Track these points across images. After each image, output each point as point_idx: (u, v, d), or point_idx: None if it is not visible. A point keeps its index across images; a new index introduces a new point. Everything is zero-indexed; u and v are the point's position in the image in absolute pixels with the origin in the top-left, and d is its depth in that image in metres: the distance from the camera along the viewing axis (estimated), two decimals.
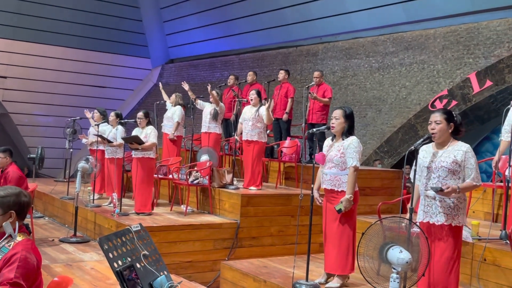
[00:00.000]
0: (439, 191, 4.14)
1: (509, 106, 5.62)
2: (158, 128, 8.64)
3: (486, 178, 10.46)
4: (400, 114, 11.96)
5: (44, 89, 19.01)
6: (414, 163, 4.44)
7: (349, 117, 5.29)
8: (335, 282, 5.40)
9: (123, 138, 7.97)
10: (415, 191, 4.51)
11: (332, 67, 13.93)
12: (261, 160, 8.23)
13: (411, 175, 4.46)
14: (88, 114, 9.52)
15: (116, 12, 19.62)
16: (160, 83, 10.94)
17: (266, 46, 16.42)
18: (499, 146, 5.94)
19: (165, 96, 10.36)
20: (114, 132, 8.52)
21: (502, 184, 6.46)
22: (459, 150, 4.26)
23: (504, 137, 5.79)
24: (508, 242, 5.05)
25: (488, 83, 10.44)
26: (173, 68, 20.49)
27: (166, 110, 9.83)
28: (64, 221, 8.81)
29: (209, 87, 9.18)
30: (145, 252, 3.13)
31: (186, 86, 9.78)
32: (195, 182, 8.15)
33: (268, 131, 9.79)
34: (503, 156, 5.89)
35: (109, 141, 8.35)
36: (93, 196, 8.53)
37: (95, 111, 9.25)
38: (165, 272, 3.18)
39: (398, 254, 3.88)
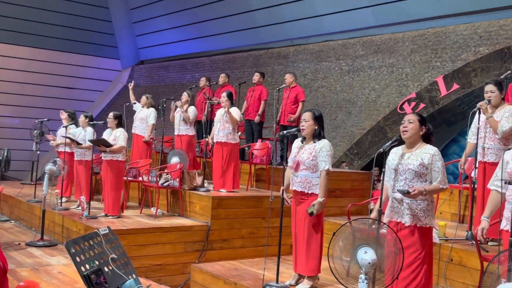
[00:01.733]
0: (406, 193, 4.19)
1: (475, 109, 5.73)
2: (128, 129, 8.55)
3: (453, 179, 10.65)
4: (370, 116, 12.09)
5: (10, 90, 18.63)
6: (383, 165, 4.50)
7: (318, 119, 5.32)
8: (305, 283, 5.42)
9: (90, 141, 7.87)
10: (384, 192, 4.56)
11: (303, 69, 14.01)
12: (233, 162, 8.18)
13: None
14: (63, 115, 9.33)
15: (85, 12, 19.37)
16: (132, 82, 10.80)
17: (237, 48, 16.42)
18: (466, 148, 6.05)
19: (132, 98, 10.25)
20: (84, 134, 8.40)
21: (468, 185, 6.59)
22: (427, 153, 4.31)
23: (470, 139, 5.91)
24: (474, 242, 5.15)
25: (455, 86, 10.64)
26: (144, 69, 20.32)
27: (134, 111, 9.74)
28: (31, 224, 8.64)
29: (173, 105, 9.22)
30: (113, 255, 3.09)
31: (131, 85, 10.05)
32: (165, 184, 8.09)
33: (239, 133, 9.78)
34: (469, 158, 6.00)
35: (79, 143, 8.23)
36: (61, 199, 8.39)
37: (63, 112, 9.11)
38: (134, 276, 3.15)
39: (363, 255, 3.93)
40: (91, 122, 8.49)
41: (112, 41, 20.35)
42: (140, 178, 8.67)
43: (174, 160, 8.34)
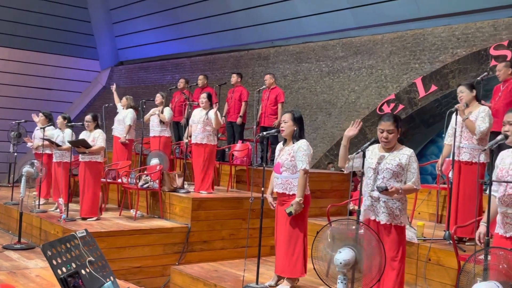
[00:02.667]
0: (384, 190, 4.26)
1: (452, 109, 5.80)
2: (107, 131, 8.49)
3: (432, 180, 10.77)
4: (350, 117, 12.16)
5: None
6: (362, 165, 4.54)
7: (298, 120, 5.34)
8: (285, 284, 5.43)
9: (69, 142, 7.79)
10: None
11: (283, 71, 14.05)
12: (212, 164, 8.20)
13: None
14: (36, 118, 9.24)
15: (63, 12, 19.17)
16: (114, 84, 10.73)
17: (217, 49, 16.40)
18: (443, 150, 6.13)
19: (116, 99, 10.19)
20: (62, 136, 8.32)
21: (446, 186, 6.67)
22: (404, 154, 4.43)
23: (447, 141, 5.99)
24: (452, 242, 5.21)
25: (433, 87, 10.76)
26: (123, 70, 20.18)
27: (116, 113, 9.67)
28: (8, 227, 8.52)
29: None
30: (90, 258, 3.06)
31: (113, 87, 10.09)
32: (145, 186, 8.04)
33: (219, 134, 9.78)
34: (447, 159, 6.07)
35: (58, 145, 8.15)
36: (39, 201, 8.29)
37: (40, 114, 9.01)
38: (112, 278, 3.12)
39: (337, 255, 3.96)
40: (69, 124, 8.40)
41: (91, 42, 20.17)
42: (120, 180, 8.60)
43: (154, 161, 8.30)
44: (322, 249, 4.11)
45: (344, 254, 3.94)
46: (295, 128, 5.33)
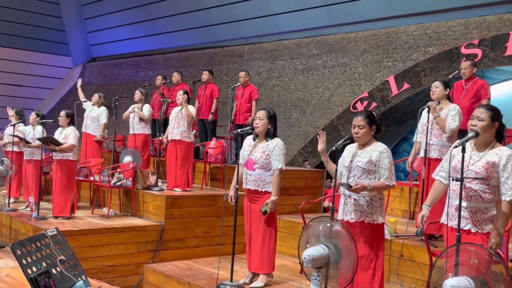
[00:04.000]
0: (349, 187, 4.26)
1: (424, 106, 5.87)
2: (79, 128, 8.37)
3: (404, 177, 10.90)
4: (324, 115, 12.23)
5: None
6: (336, 163, 4.55)
7: (272, 118, 5.33)
8: (259, 281, 5.44)
9: (38, 139, 7.65)
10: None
11: (258, 68, 14.05)
12: (188, 161, 8.12)
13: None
14: (10, 112, 9.04)
15: (34, 8, 18.84)
16: (80, 80, 10.55)
17: (191, 46, 16.32)
18: (413, 147, 6.21)
19: (81, 96, 10.02)
20: (33, 133, 8.18)
21: (418, 182, 6.75)
22: (375, 150, 4.39)
23: (417, 138, 6.07)
24: (424, 238, 5.27)
25: (406, 85, 10.88)
26: (95, 67, 19.93)
27: (85, 110, 9.54)
28: None
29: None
30: (61, 257, 3.01)
31: (79, 83, 10.06)
32: (118, 184, 7.95)
33: (194, 132, 9.72)
34: (418, 156, 6.15)
35: (28, 142, 8.00)
36: (9, 200, 8.13)
37: (9, 108, 8.84)
38: (83, 277, 3.07)
39: (305, 251, 3.99)
40: (41, 121, 8.26)
41: (63, 38, 19.86)
42: (92, 178, 8.50)
43: (127, 159, 8.21)
44: (301, 246, 4.16)
45: (310, 250, 3.98)
46: (270, 126, 5.32)
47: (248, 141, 5.46)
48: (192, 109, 7.93)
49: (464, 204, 3.76)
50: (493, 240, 3.65)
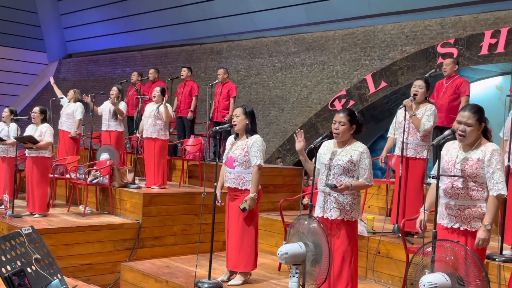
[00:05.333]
0: (333, 187, 4.30)
1: (401, 105, 5.93)
2: (54, 125, 8.25)
3: (381, 174, 10.99)
4: (302, 113, 12.26)
5: None
6: (314, 160, 4.57)
7: (249, 115, 5.33)
8: (238, 279, 5.43)
9: (16, 138, 7.52)
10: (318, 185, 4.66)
11: (236, 65, 14.02)
12: (164, 158, 8.11)
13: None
14: None
15: (8, 2, 18.50)
16: (51, 78, 10.43)
17: (169, 43, 16.21)
18: (386, 143, 6.26)
19: (57, 91, 9.90)
20: (7, 130, 8.03)
21: (394, 180, 6.81)
22: (356, 150, 4.44)
23: (391, 134, 6.12)
24: (400, 235, 5.33)
25: (383, 84, 10.96)
26: (72, 63, 19.67)
27: (62, 106, 9.42)
28: None
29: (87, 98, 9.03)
30: (37, 256, 2.97)
31: (52, 80, 10.02)
32: (94, 181, 7.87)
33: (171, 129, 9.67)
34: (395, 154, 6.20)
35: (2, 139, 7.86)
36: None
37: None
38: (59, 276, 3.03)
39: (280, 247, 4.03)
40: (15, 118, 8.12)
41: (38, 33, 19.56)
42: (68, 175, 8.39)
43: (104, 156, 8.14)
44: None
45: (286, 246, 4.03)
46: (247, 122, 5.31)
47: (230, 140, 5.47)
48: (170, 110, 7.94)
49: (452, 202, 3.81)
50: (479, 237, 3.70)
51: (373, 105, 11.26)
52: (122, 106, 8.96)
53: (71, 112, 9.12)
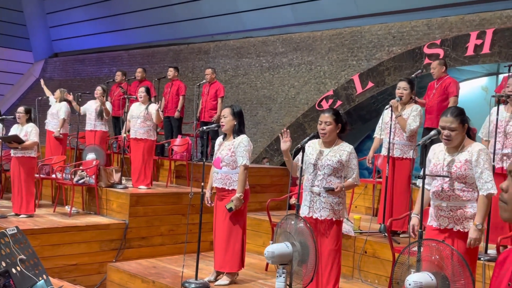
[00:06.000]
0: (331, 190, 4.34)
1: (387, 106, 5.96)
2: (41, 125, 8.19)
3: (368, 174, 11.04)
4: (289, 113, 12.28)
5: None
6: (300, 160, 4.57)
7: (237, 115, 5.32)
8: (224, 279, 5.42)
9: (1, 138, 7.45)
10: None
11: (224, 65, 14.01)
12: (151, 159, 8.09)
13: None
14: None
15: None
16: (41, 79, 10.38)
17: (156, 42, 16.16)
18: (373, 143, 6.29)
19: (47, 92, 9.84)
20: None
21: (381, 180, 6.84)
22: (344, 150, 4.47)
23: (377, 134, 6.15)
24: (387, 234, 5.35)
25: (370, 84, 11.02)
26: (58, 62, 19.53)
27: (49, 106, 9.35)
28: None
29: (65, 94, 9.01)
30: (22, 256, 2.94)
31: (42, 82, 9.92)
32: (81, 181, 7.82)
33: (158, 129, 9.63)
34: (382, 154, 6.23)
35: None
36: None
37: None
38: (44, 277, 3.01)
39: (267, 247, 4.04)
40: (0, 117, 8.05)
41: (24, 32, 19.39)
42: (54, 176, 8.33)
43: (90, 156, 8.09)
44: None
45: (272, 246, 4.03)
46: (235, 123, 5.31)
47: (219, 140, 5.47)
48: (161, 113, 7.95)
49: (444, 204, 3.84)
50: (471, 236, 3.73)
51: (360, 105, 11.31)
52: (108, 106, 8.92)
53: (55, 111, 9.07)
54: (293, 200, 7.35)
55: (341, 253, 4.54)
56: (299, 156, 4.56)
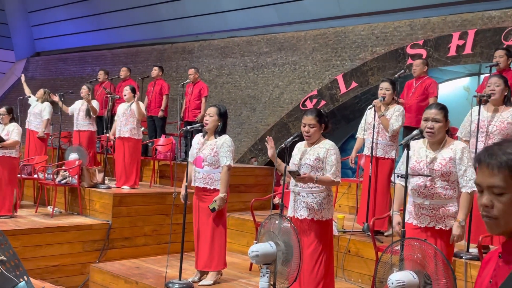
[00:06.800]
0: (297, 175, 4.25)
1: (370, 106, 5.99)
2: (22, 124, 8.10)
3: (352, 174, 11.09)
4: (274, 113, 12.29)
5: None
6: (286, 160, 4.58)
7: (222, 115, 5.32)
8: (208, 279, 5.42)
9: None
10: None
11: (208, 65, 13.97)
12: (136, 158, 8.01)
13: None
14: None
15: None
16: (22, 75, 10.24)
17: (140, 41, 16.06)
18: (356, 143, 6.32)
19: (27, 90, 9.72)
20: None
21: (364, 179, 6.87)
22: (323, 147, 4.46)
23: (360, 134, 6.19)
24: (370, 234, 5.38)
25: (354, 84, 11.06)
26: (40, 61, 19.33)
27: (29, 105, 9.25)
28: None
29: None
30: (2, 258, 2.91)
31: (22, 78, 9.81)
32: (63, 182, 7.75)
33: (142, 128, 9.57)
34: (364, 154, 6.27)
35: None
36: None
37: None
38: (25, 278, 2.98)
39: (251, 246, 4.04)
40: None
41: (5, 31, 19.15)
42: (36, 176, 8.24)
43: (73, 156, 8.02)
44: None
45: (256, 246, 4.02)
46: (219, 123, 5.30)
47: (197, 139, 5.44)
48: (143, 107, 7.86)
49: (426, 202, 3.87)
50: (454, 233, 3.77)
51: (344, 105, 11.35)
52: (95, 104, 8.85)
53: (38, 111, 8.98)
54: (276, 200, 7.36)
55: (327, 254, 4.48)
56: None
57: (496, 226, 1.53)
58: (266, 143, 4.60)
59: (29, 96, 9.57)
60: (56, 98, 8.86)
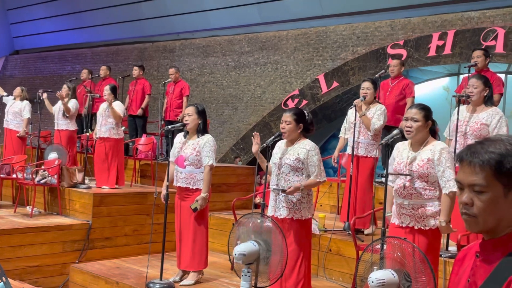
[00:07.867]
0: (283, 192, 4.34)
1: (352, 105, 6.02)
2: (0, 124, 7.99)
3: (333, 173, 11.14)
4: (255, 112, 12.30)
5: None
6: (267, 159, 4.59)
7: (201, 114, 5.30)
8: (190, 279, 5.40)
9: None
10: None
11: (190, 64, 13.93)
12: (117, 158, 7.92)
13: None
14: None
15: None
16: None
17: (121, 40, 15.94)
18: (338, 143, 6.36)
19: (0, 90, 9.57)
20: None
21: (345, 178, 6.92)
22: (303, 148, 4.48)
23: (342, 134, 6.23)
24: (351, 232, 5.41)
25: (335, 84, 11.12)
26: (19, 60, 19.08)
27: (5, 104, 9.13)
28: None
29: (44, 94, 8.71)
30: None
31: None
32: (42, 181, 7.66)
33: (123, 128, 9.50)
34: (346, 153, 6.30)
35: None
36: None
37: None
38: (4, 279, 2.94)
39: (235, 247, 4.02)
40: None
41: None
42: (14, 175, 8.14)
43: (52, 156, 7.93)
44: (232, 243, 4.16)
45: (241, 246, 4.00)
46: (200, 122, 5.29)
47: (179, 138, 5.41)
48: (119, 108, 7.73)
49: (406, 202, 3.90)
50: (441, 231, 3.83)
51: (326, 104, 11.40)
52: (73, 103, 8.75)
53: (18, 110, 8.86)
54: (258, 199, 7.36)
55: (307, 253, 4.51)
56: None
57: (475, 224, 1.53)
58: (252, 137, 4.61)
59: (6, 95, 9.43)
60: (45, 95, 8.74)
